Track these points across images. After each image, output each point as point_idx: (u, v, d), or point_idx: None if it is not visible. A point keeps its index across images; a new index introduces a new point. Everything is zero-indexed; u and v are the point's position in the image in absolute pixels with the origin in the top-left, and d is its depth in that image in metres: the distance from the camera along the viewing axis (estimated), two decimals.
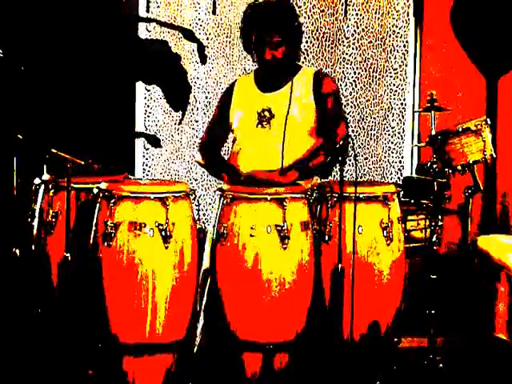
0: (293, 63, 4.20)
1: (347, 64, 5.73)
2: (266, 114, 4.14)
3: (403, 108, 5.77)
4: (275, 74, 4.17)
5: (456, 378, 4.10)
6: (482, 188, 4.45)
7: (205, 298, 3.88)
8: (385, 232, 3.90)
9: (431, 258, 4.32)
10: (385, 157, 5.79)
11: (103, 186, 3.77)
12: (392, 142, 5.78)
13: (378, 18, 5.72)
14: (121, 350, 3.68)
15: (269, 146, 4.11)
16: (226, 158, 4.37)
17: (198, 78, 5.65)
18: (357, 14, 5.70)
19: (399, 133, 5.78)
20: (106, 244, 3.66)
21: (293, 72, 4.18)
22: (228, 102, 4.27)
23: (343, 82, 5.72)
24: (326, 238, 3.87)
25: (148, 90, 5.66)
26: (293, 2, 5.65)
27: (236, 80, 4.35)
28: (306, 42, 5.69)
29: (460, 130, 4.36)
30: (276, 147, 4.10)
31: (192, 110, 5.65)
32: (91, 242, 3.73)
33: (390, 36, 5.73)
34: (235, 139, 4.23)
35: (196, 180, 5.68)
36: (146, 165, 5.69)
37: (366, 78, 5.75)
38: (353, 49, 5.72)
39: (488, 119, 4.45)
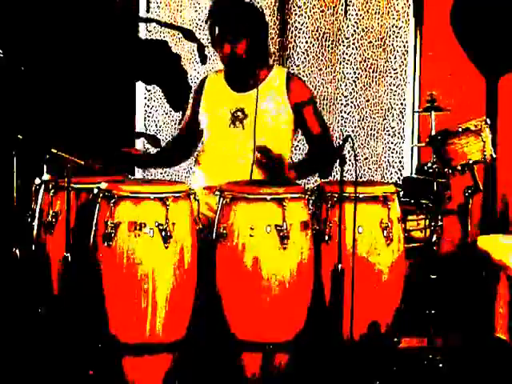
0: (260, 62, 4.17)
1: (347, 64, 5.73)
2: (239, 114, 4.15)
3: (403, 108, 5.76)
4: (242, 72, 4.16)
5: (456, 378, 4.10)
6: (481, 188, 4.45)
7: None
8: (385, 232, 3.90)
9: (431, 258, 4.32)
10: (385, 157, 5.79)
11: (103, 186, 3.77)
12: (392, 142, 5.78)
13: (378, 18, 5.72)
14: (121, 349, 3.69)
15: (241, 145, 4.12)
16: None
17: (197, 78, 5.64)
18: (357, 14, 5.70)
19: (399, 133, 5.78)
20: (106, 244, 3.66)
21: (263, 71, 4.18)
22: (198, 100, 4.27)
23: (343, 82, 5.72)
24: (326, 238, 3.86)
25: (148, 90, 5.66)
26: (292, 3, 5.66)
27: (205, 77, 4.33)
28: (306, 42, 5.69)
29: (460, 130, 4.37)
30: (247, 147, 4.11)
31: None
32: (91, 241, 3.73)
33: (389, 36, 5.73)
34: (207, 137, 4.23)
35: None
36: None
37: (365, 77, 5.75)
38: (353, 49, 5.72)
39: (488, 119, 4.46)
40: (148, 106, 5.68)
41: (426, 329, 4.25)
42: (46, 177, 4.03)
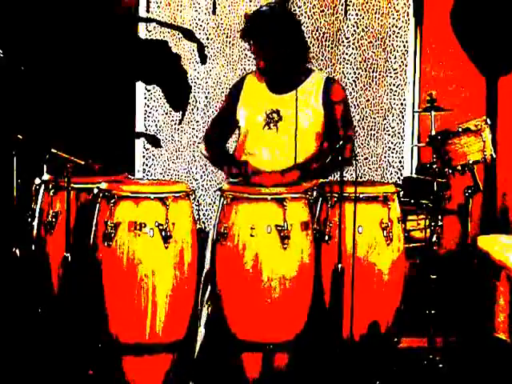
0: (300, 66, 4.14)
1: (347, 64, 5.73)
2: (275, 116, 4.12)
3: (403, 108, 5.77)
4: (282, 76, 4.14)
5: (456, 378, 4.10)
6: (481, 188, 4.45)
7: (206, 296, 3.90)
8: (385, 232, 3.90)
9: (431, 258, 4.32)
10: (385, 157, 5.79)
11: (103, 186, 3.77)
12: (392, 142, 5.78)
13: (378, 18, 5.72)
14: (121, 349, 3.69)
15: (277, 149, 4.09)
16: (230, 152, 4.31)
17: (197, 78, 5.65)
18: (357, 14, 5.70)
19: (399, 133, 5.78)
20: (105, 244, 3.66)
21: (303, 75, 4.15)
22: (236, 97, 4.22)
23: (343, 82, 5.71)
24: (326, 238, 3.86)
25: (148, 90, 5.66)
26: (292, 3, 5.66)
27: (246, 75, 4.29)
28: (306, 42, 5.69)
29: (460, 130, 4.37)
30: (285, 151, 4.08)
31: (192, 109, 5.65)
32: (91, 242, 3.73)
33: (389, 36, 5.73)
34: (242, 137, 4.20)
35: (196, 180, 5.68)
36: (146, 165, 5.69)
37: (365, 78, 5.75)
38: (353, 49, 5.72)
39: (488, 119, 4.45)
40: (148, 106, 5.68)
41: (426, 329, 4.25)
42: (45, 177, 4.03)
